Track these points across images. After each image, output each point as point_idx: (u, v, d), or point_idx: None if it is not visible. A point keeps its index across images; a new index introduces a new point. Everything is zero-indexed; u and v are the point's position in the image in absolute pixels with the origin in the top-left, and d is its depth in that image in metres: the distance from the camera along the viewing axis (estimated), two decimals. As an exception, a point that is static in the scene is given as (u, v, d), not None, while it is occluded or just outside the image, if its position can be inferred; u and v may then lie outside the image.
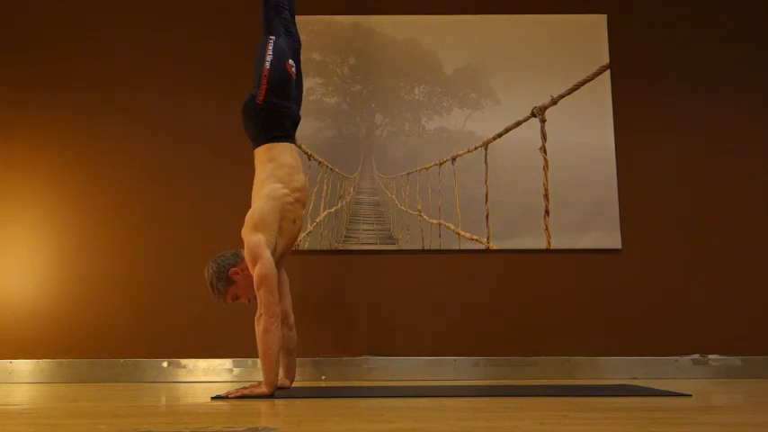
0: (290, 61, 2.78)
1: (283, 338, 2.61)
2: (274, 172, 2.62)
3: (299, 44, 3.02)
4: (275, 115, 2.68)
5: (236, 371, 3.22)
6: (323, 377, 3.22)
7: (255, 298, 2.54)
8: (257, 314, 2.45)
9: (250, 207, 2.60)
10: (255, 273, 2.44)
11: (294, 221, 2.64)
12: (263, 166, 2.65)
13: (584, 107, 3.47)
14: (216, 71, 3.48)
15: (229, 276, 2.55)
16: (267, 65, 2.70)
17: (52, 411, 2.02)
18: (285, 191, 2.60)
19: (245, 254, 2.50)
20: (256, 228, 2.50)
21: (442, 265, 3.37)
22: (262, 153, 2.68)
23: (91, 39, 3.52)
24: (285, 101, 2.73)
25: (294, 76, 2.80)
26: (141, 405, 2.15)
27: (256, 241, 2.47)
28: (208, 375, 3.22)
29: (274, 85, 2.69)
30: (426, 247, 3.38)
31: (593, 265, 3.36)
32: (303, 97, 3.03)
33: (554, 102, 3.46)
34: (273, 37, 2.80)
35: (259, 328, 2.42)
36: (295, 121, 2.80)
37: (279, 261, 2.59)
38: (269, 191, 2.58)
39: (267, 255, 2.45)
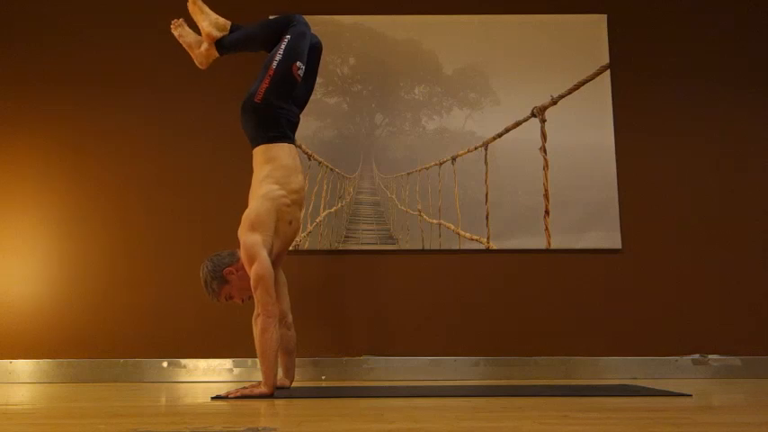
0: (299, 63, 2.73)
1: (282, 338, 2.61)
2: (272, 173, 2.62)
3: (318, 40, 2.97)
4: (273, 115, 2.67)
5: (236, 371, 3.22)
6: (323, 377, 3.22)
7: (250, 298, 2.55)
8: (255, 314, 2.45)
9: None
10: (252, 273, 2.44)
11: (290, 223, 2.64)
12: (261, 167, 2.65)
13: (584, 107, 3.47)
14: (217, 70, 3.47)
15: (224, 276, 2.54)
16: (274, 64, 2.69)
17: (52, 411, 2.02)
18: (282, 192, 2.59)
19: (242, 254, 2.50)
20: (253, 228, 2.50)
21: (441, 265, 3.37)
22: (260, 153, 2.67)
23: (91, 37, 3.52)
24: (284, 102, 2.71)
25: (299, 80, 2.76)
26: (141, 405, 2.15)
27: (253, 241, 2.47)
28: (208, 375, 3.22)
29: (275, 85, 2.67)
30: (426, 247, 3.38)
31: (593, 265, 3.36)
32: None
33: (554, 102, 3.47)
34: (289, 36, 2.77)
35: (257, 329, 2.42)
36: (293, 123, 2.78)
37: (275, 262, 2.58)
38: (266, 191, 2.57)
39: (264, 255, 2.45)
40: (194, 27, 3.00)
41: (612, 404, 2.05)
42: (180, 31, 2.96)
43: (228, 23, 2.91)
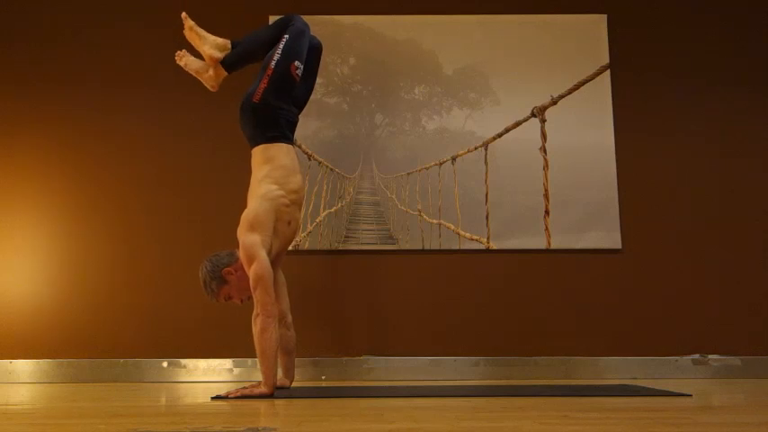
0: (297, 63, 2.73)
1: (282, 338, 2.62)
2: (271, 173, 2.61)
3: (318, 41, 2.98)
4: (271, 116, 2.67)
5: (236, 371, 3.22)
6: (323, 377, 3.22)
7: (249, 298, 2.55)
8: (254, 314, 2.45)
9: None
10: (251, 273, 2.44)
11: (289, 223, 2.64)
12: (260, 167, 2.65)
13: (584, 107, 3.47)
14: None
15: (222, 276, 2.54)
16: (273, 63, 2.69)
17: (52, 411, 2.02)
18: (281, 192, 2.59)
19: (241, 254, 2.50)
20: (252, 228, 2.50)
21: (441, 265, 3.37)
22: (258, 153, 2.67)
23: (91, 37, 3.52)
24: (283, 102, 2.71)
25: (298, 79, 2.76)
26: (141, 405, 2.15)
27: (252, 241, 2.47)
28: (208, 375, 3.22)
29: (274, 85, 2.67)
30: (426, 247, 3.38)
31: (593, 265, 3.36)
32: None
33: (554, 102, 3.47)
34: (287, 35, 2.76)
35: (256, 328, 2.42)
36: (292, 123, 2.77)
37: (275, 262, 2.58)
38: (264, 191, 2.57)
39: (263, 255, 2.45)
40: (196, 53, 2.99)
41: (612, 404, 2.05)
42: (185, 60, 2.95)
43: (228, 42, 2.88)
